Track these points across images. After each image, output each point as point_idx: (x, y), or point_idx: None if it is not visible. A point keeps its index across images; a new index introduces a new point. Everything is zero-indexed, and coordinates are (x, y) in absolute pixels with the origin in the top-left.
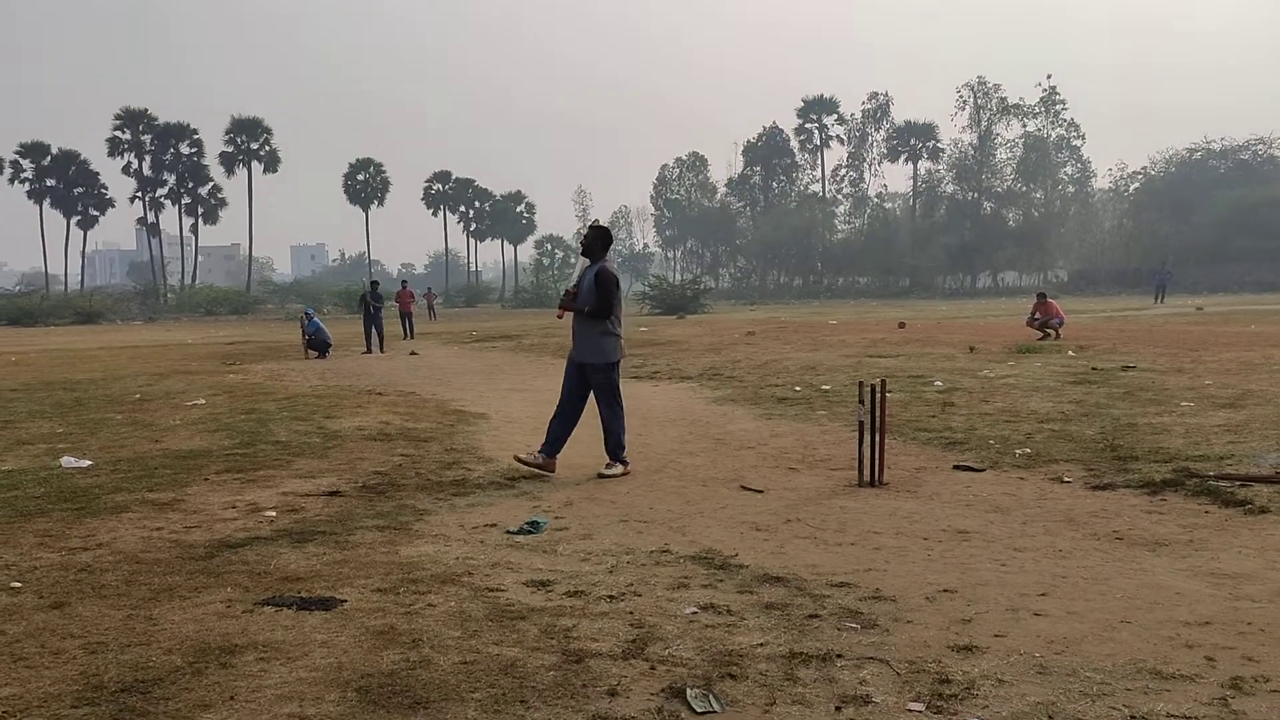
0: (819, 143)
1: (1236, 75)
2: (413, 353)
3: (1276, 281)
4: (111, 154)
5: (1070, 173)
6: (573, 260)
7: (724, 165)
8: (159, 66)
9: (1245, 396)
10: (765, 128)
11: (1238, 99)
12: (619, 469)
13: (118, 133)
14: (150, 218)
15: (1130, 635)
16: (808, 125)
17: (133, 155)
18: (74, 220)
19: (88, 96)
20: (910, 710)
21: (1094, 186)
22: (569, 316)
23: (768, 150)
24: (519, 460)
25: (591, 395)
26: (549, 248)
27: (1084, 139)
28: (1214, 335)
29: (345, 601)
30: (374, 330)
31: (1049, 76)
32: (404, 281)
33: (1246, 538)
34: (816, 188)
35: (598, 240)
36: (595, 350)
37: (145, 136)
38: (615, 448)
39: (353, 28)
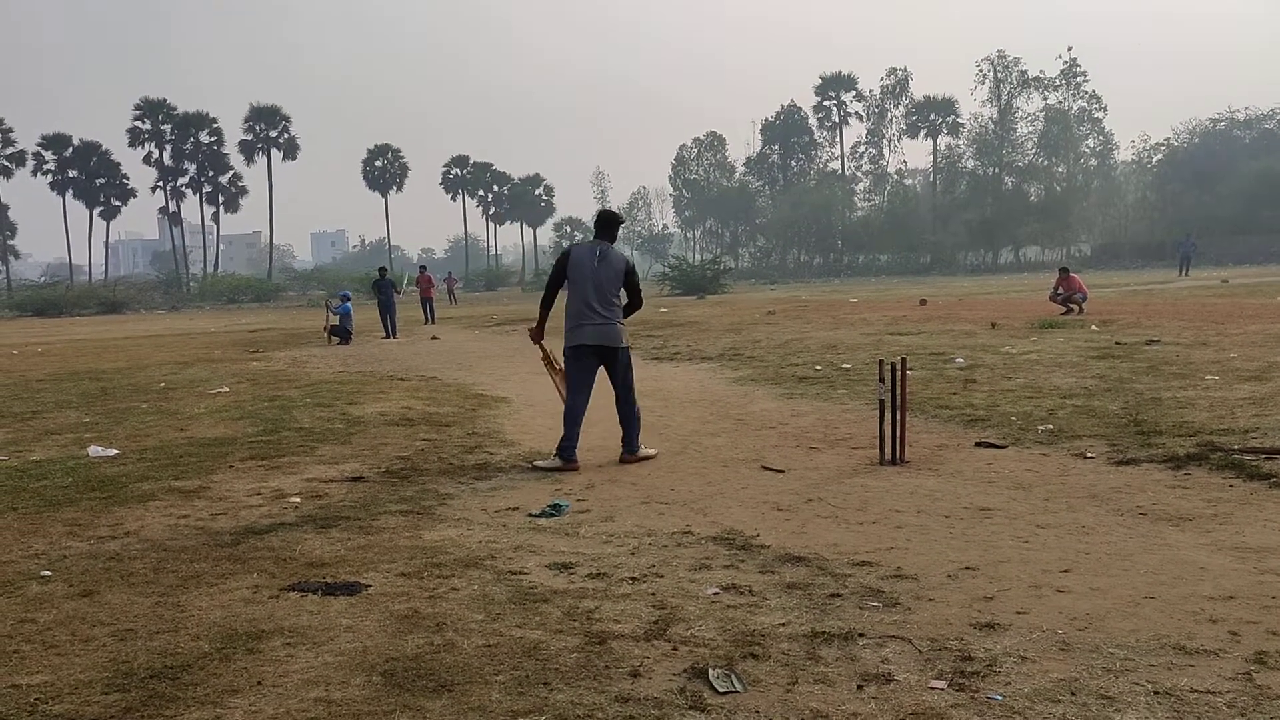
0: (838, 120)
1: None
2: (434, 337)
3: None
4: (132, 144)
5: (1092, 145)
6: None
7: (742, 144)
8: (177, 57)
9: (1271, 369)
10: (783, 106)
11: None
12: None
13: (138, 123)
14: (172, 207)
15: (1154, 611)
16: (826, 103)
17: (153, 145)
18: (96, 211)
19: (108, 88)
20: (932, 688)
21: (1116, 159)
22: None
23: (786, 129)
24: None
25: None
26: (568, 230)
27: (1105, 111)
28: (1239, 308)
29: (370, 586)
30: (387, 316)
31: (1070, 49)
32: (423, 267)
33: (1272, 511)
34: (836, 165)
35: (614, 224)
36: (620, 333)
37: (165, 126)
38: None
39: (369, 21)
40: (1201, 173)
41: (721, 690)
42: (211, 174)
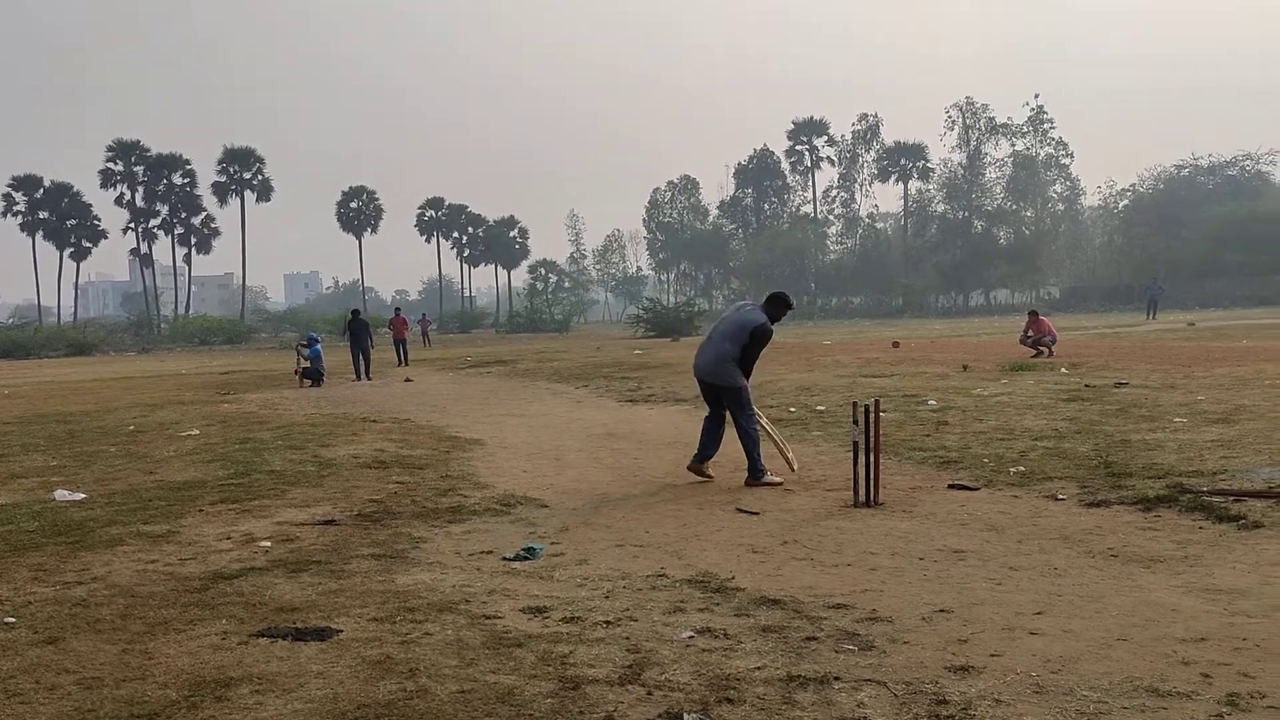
0: (810, 164)
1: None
2: (407, 379)
3: (1267, 296)
4: (104, 186)
5: (1060, 190)
6: (566, 284)
7: (716, 188)
8: (151, 99)
9: (1238, 411)
10: (756, 149)
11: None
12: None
13: (110, 164)
14: (143, 248)
15: (1126, 653)
16: (798, 147)
17: (125, 186)
18: (67, 252)
19: (80, 129)
20: None
21: (1083, 204)
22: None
23: (759, 172)
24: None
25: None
26: (542, 272)
27: (1072, 157)
28: (1206, 351)
29: (341, 631)
30: (360, 357)
31: (1036, 96)
32: (397, 309)
33: (1241, 553)
34: (808, 209)
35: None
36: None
37: (138, 168)
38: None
39: (343, 64)
40: (1167, 218)
41: None
42: (184, 215)
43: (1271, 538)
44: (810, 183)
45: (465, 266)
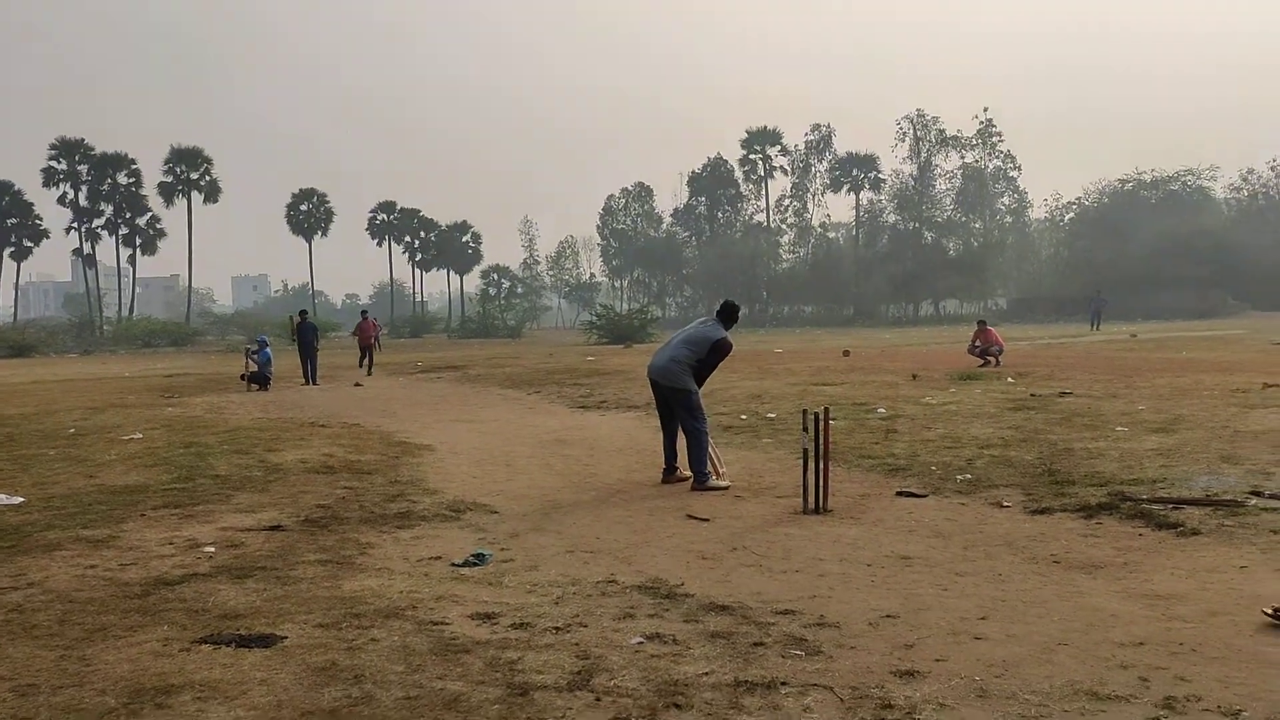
0: (763, 173)
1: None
2: (357, 384)
3: (1207, 308)
4: (47, 184)
5: (1008, 203)
6: (519, 290)
7: (670, 195)
8: (96, 97)
9: (1177, 421)
10: (710, 158)
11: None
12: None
13: (53, 163)
14: (86, 249)
15: (1067, 657)
16: (752, 156)
17: (69, 185)
18: (7, 252)
19: (23, 127)
20: None
21: (1030, 216)
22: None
23: (713, 181)
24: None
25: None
26: (495, 277)
27: (1020, 170)
28: (1147, 361)
29: (285, 638)
30: (308, 361)
31: (985, 109)
32: (364, 311)
33: (1179, 559)
34: (761, 218)
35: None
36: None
37: (82, 166)
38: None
39: (294, 64)
40: (1111, 231)
41: None
42: (129, 215)
43: (1208, 544)
44: (763, 192)
45: (417, 271)
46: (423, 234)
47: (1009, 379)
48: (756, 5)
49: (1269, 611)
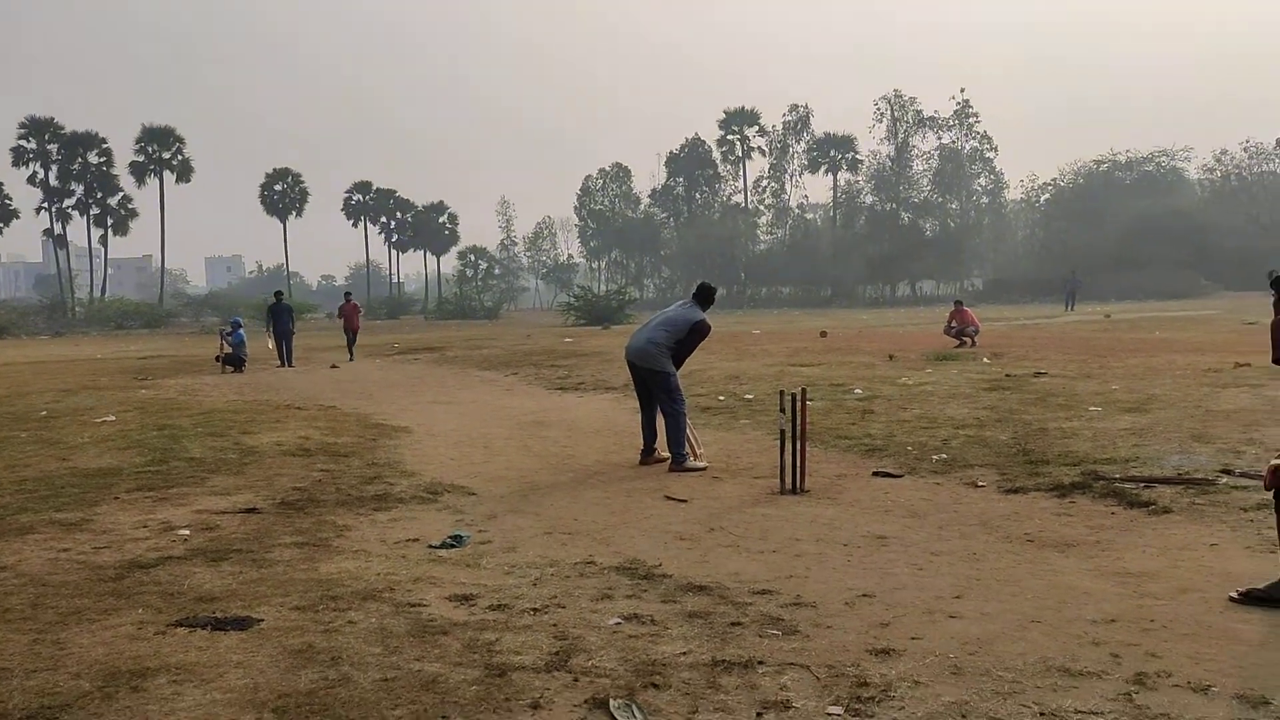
0: (741, 154)
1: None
2: (333, 365)
3: (1180, 289)
4: (16, 164)
5: (984, 184)
6: (496, 271)
7: (648, 176)
8: (67, 75)
9: (1150, 401)
10: (688, 139)
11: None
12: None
13: (22, 142)
14: (57, 229)
15: (1040, 634)
16: (730, 137)
17: (38, 165)
18: None
19: None
20: (829, 714)
21: (1006, 197)
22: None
23: (690, 162)
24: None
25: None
26: (472, 259)
27: (996, 151)
28: (1120, 342)
29: (262, 621)
30: (283, 343)
31: (962, 90)
32: (348, 293)
33: (1150, 537)
34: (739, 198)
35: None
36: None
37: (52, 146)
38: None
39: (268, 43)
40: (1086, 211)
41: None
42: (100, 196)
43: (1179, 522)
44: (741, 173)
45: (393, 252)
46: (399, 215)
47: (985, 359)
48: None
49: (1235, 595)
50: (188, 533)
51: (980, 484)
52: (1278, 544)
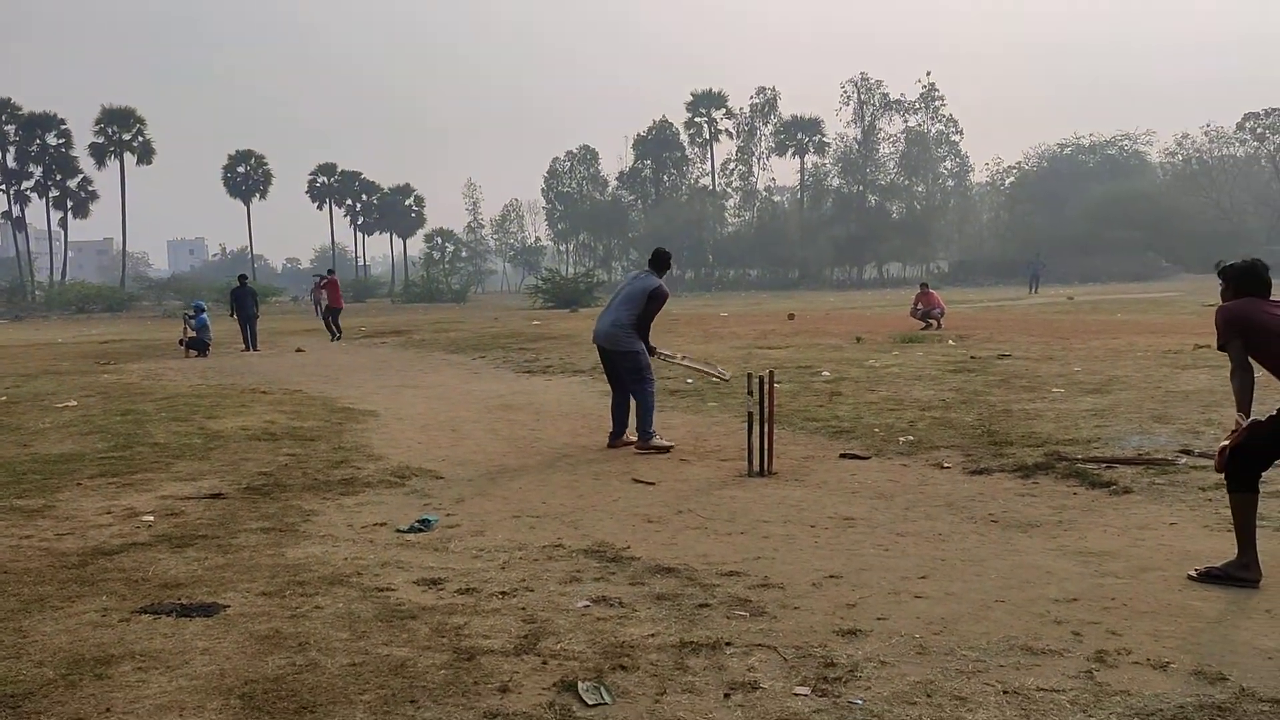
0: (708, 136)
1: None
2: (299, 349)
3: (1142, 271)
4: None
5: (950, 167)
6: (463, 254)
7: (615, 158)
8: (23, 55)
9: (1111, 382)
10: (655, 121)
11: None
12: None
13: None
14: (15, 212)
15: (1004, 614)
16: (697, 119)
17: None
18: None
19: None
20: (796, 694)
21: (972, 181)
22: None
23: (658, 144)
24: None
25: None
26: (439, 241)
27: (962, 134)
28: (1083, 324)
29: (228, 607)
30: (247, 327)
31: (929, 73)
32: (330, 270)
33: (1111, 517)
34: (706, 181)
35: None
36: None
37: (9, 127)
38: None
39: (230, 18)
40: (1050, 195)
41: (591, 703)
42: (59, 178)
43: (1140, 502)
44: (709, 155)
45: (359, 235)
46: (364, 197)
47: (950, 341)
48: None
49: (1194, 574)
50: (152, 519)
51: (946, 465)
52: (1233, 524)
